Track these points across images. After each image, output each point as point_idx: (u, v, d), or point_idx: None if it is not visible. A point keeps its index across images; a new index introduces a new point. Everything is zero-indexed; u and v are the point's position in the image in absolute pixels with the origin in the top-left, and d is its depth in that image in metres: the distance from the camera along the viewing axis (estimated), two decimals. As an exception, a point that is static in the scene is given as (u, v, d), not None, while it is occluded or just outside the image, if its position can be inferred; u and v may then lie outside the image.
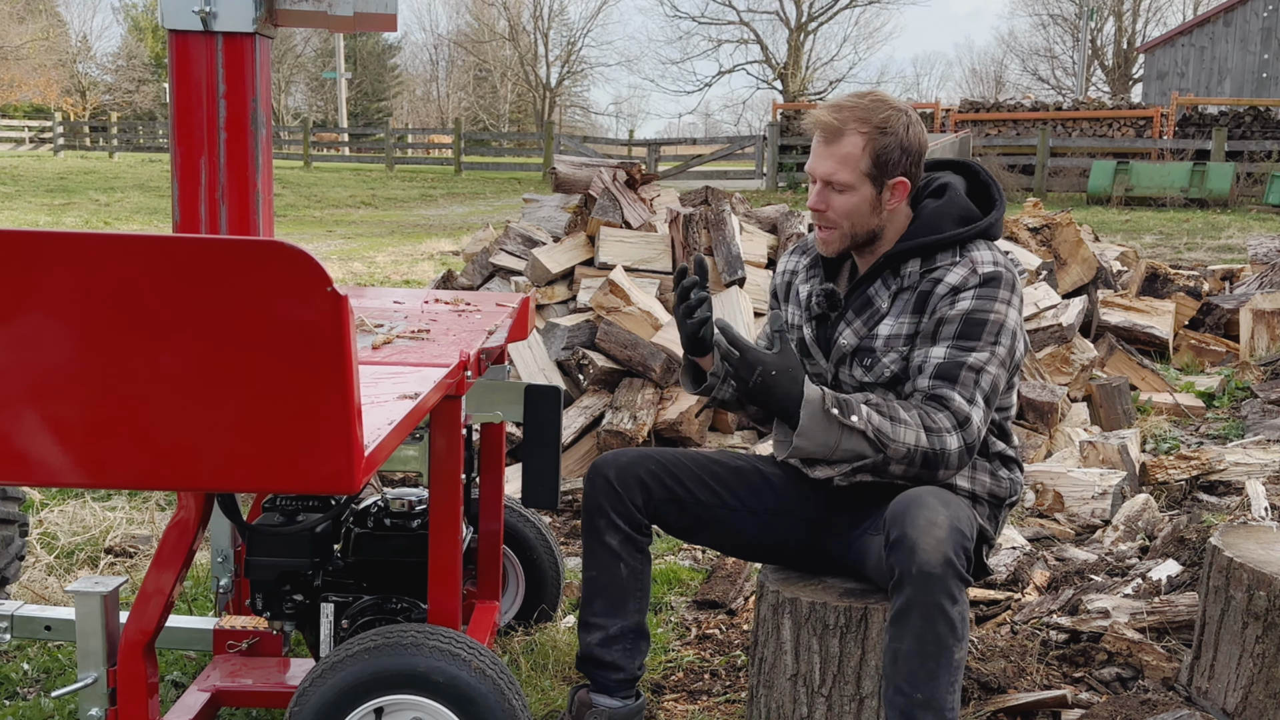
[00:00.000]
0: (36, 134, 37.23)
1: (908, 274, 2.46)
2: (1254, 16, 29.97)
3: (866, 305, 2.49)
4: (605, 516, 2.55)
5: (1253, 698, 2.55)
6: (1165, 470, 4.41)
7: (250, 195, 2.35)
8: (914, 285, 2.44)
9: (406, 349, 2.40)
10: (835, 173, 2.40)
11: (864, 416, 2.31)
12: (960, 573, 2.18)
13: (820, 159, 2.42)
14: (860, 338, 2.48)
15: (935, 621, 2.16)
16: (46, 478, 1.71)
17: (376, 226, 17.46)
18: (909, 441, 2.31)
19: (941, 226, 2.44)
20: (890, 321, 2.45)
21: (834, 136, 2.39)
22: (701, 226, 5.50)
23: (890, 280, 2.47)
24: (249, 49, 2.30)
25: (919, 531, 2.17)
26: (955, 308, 2.38)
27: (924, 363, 2.39)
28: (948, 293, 2.39)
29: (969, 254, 2.44)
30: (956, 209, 2.48)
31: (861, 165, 2.39)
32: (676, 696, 2.95)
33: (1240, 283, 8.61)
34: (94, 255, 1.62)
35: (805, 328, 2.59)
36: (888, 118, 2.39)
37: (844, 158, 2.39)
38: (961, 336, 2.37)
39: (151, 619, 2.17)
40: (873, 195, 2.42)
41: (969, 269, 2.41)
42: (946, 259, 2.44)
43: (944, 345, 2.38)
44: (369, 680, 2.12)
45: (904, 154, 2.41)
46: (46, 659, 3.11)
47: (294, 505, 2.53)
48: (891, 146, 2.39)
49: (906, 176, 2.44)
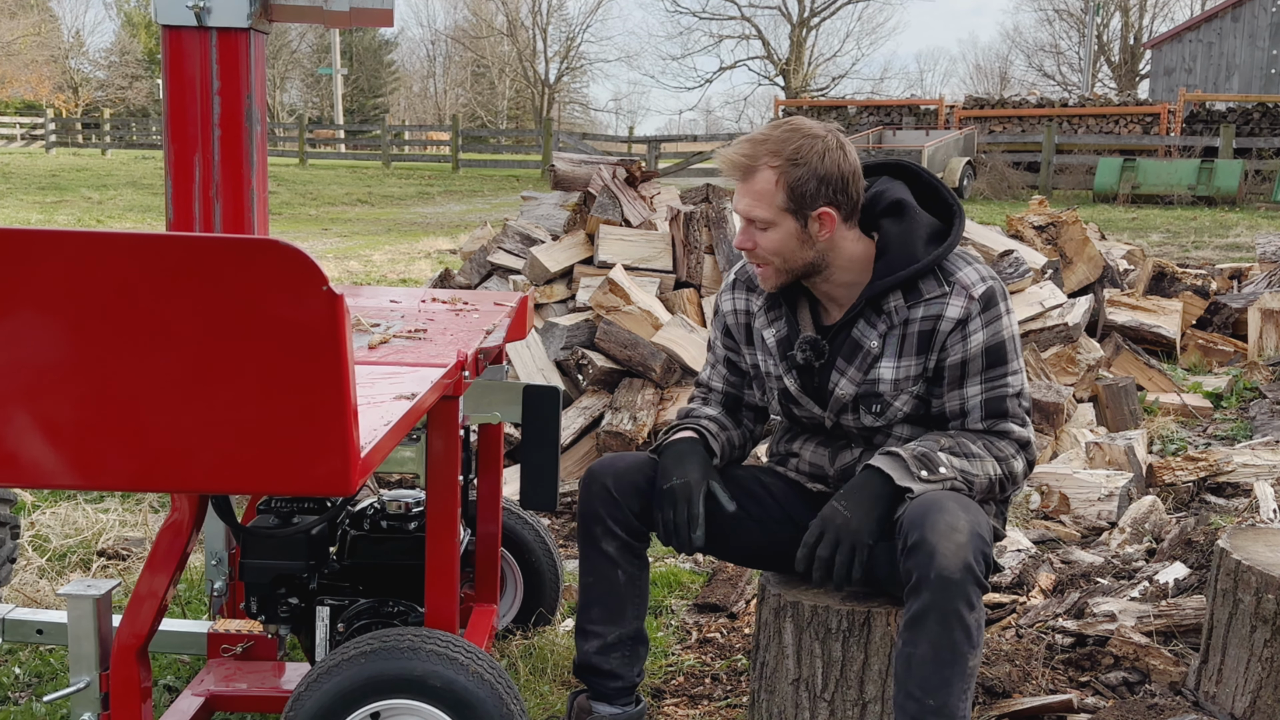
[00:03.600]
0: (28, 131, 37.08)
1: (893, 309, 2.38)
2: (1262, 12, 29.95)
3: (855, 349, 2.41)
4: (602, 524, 2.51)
5: (1261, 702, 2.54)
6: (1172, 471, 4.38)
7: (245, 193, 2.34)
8: (904, 320, 2.37)
9: (403, 349, 2.39)
10: (752, 209, 2.32)
11: (950, 466, 2.32)
12: (979, 579, 2.16)
13: (738, 197, 2.35)
14: (858, 385, 2.41)
15: (952, 628, 2.14)
16: (38, 479, 1.70)
17: (373, 224, 17.47)
18: (989, 473, 2.35)
19: (915, 253, 2.34)
20: (890, 364, 2.39)
21: (747, 174, 2.32)
22: (702, 224, 5.48)
23: (874, 319, 2.39)
24: (244, 44, 2.30)
25: (939, 536, 2.15)
26: (970, 344, 2.34)
27: (964, 405, 2.39)
28: (954, 329, 2.34)
29: (954, 278, 2.36)
30: (923, 228, 2.38)
31: (777, 200, 2.30)
32: (677, 701, 2.93)
33: (1248, 281, 8.57)
34: (86, 254, 1.61)
35: (786, 379, 2.49)
36: (799, 148, 2.28)
37: (759, 194, 2.30)
38: (989, 369, 2.37)
39: (145, 623, 2.16)
40: (797, 229, 2.32)
41: (964, 297, 2.34)
42: (932, 289, 2.36)
43: (977, 383, 2.37)
44: (365, 685, 2.11)
45: (822, 184, 2.29)
46: (38, 663, 3.09)
47: (289, 507, 2.52)
48: (806, 178, 2.28)
49: (832, 206, 2.31)
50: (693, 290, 5.35)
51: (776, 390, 2.53)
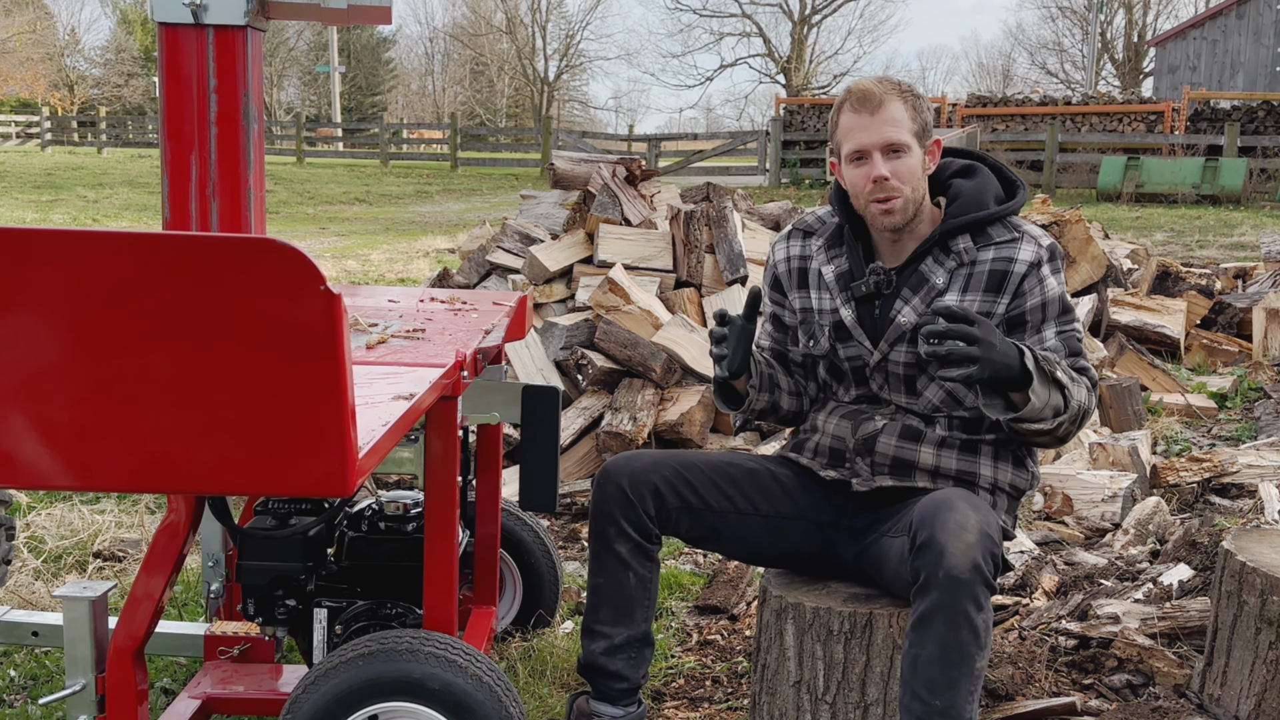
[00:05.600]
0: (23, 129, 37.00)
1: (962, 250, 2.48)
2: (1267, 9, 29.94)
3: (922, 282, 2.49)
4: (616, 524, 2.51)
5: (1266, 705, 2.53)
6: (1176, 472, 4.37)
7: (242, 192, 2.34)
8: (973, 261, 2.47)
9: (401, 349, 2.38)
10: (893, 135, 2.42)
11: (1065, 377, 2.36)
12: (987, 579, 2.15)
13: (872, 129, 2.43)
14: (920, 315, 2.48)
15: (959, 628, 2.13)
16: (33, 480, 1.70)
17: (371, 224, 17.46)
18: (1080, 398, 2.39)
19: (986, 203, 2.50)
20: (955, 298, 2.47)
21: (877, 106, 2.43)
22: (703, 224, 5.46)
23: (942, 257, 2.49)
24: (240, 42, 2.29)
25: (948, 535, 2.14)
26: (1048, 289, 2.46)
27: (1042, 346, 2.46)
28: (1029, 271, 2.45)
29: (1022, 229, 2.50)
30: (993, 186, 2.55)
31: (912, 126, 2.44)
32: (677, 703, 2.91)
33: (1253, 281, 8.54)
34: (82, 253, 1.61)
35: (843, 310, 2.55)
36: (911, 85, 2.49)
37: (896, 121, 2.43)
38: (1060, 315, 2.47)
39: (141, 624, 2.15)
40: (922, 158, 2.46)
41: (1034, 244, 2.47)
42: (1001, 234, 2.49)
43: (1053, 327, 2.47)
44: (363, 687, 2.11)
45: (931, 117, 2.50)
46: (34, 665, 3.08)
47: (286, 508, 2.52)
48: (925, 108, 2.47)
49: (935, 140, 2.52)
50: (693, 290, 5.34)
51: (829, 325, 2.57)
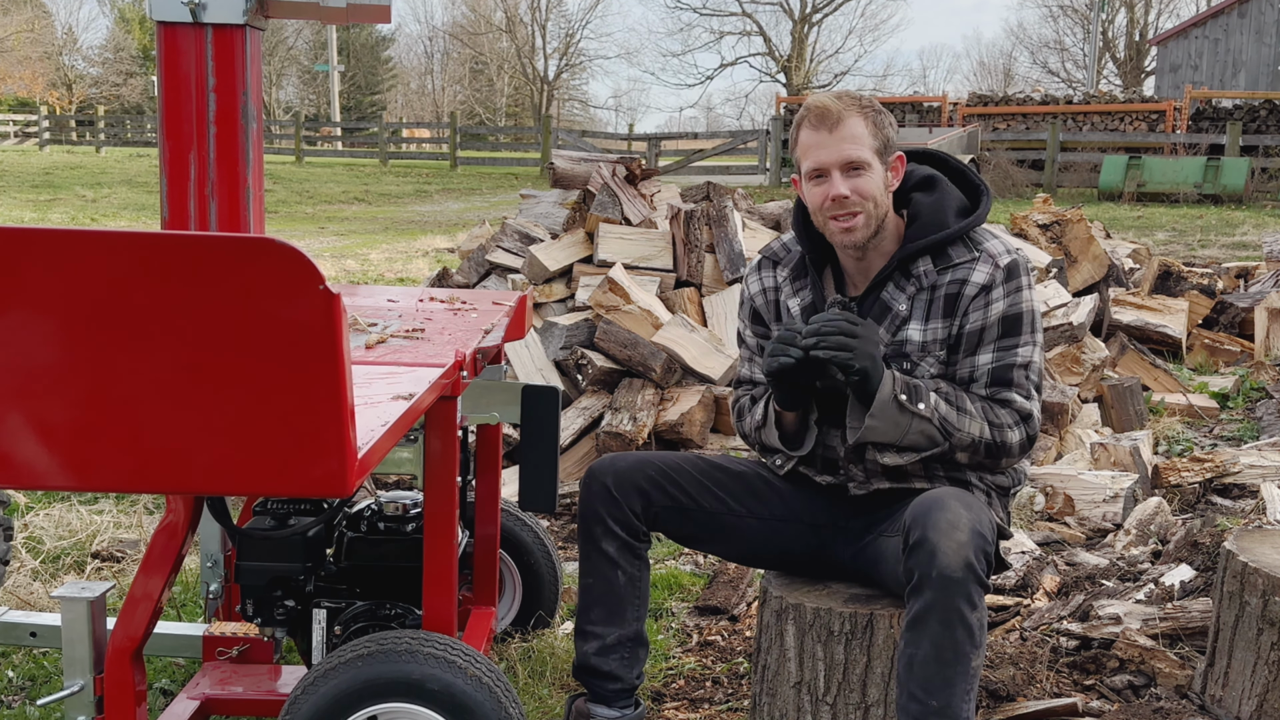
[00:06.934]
0: (21, 128, 36.95)
1: (921, 273, 2.43)
2: (1269, 8, 29.89)
3: (885, 311, 2.45)
4: (602, 524, 2.50)
5: (1268, 705, 2.53)
6: (1178, 473, 4.36)
7: (240, 191, 2.33)
8: (932, 285, 2.42)
9: (401, 349, 2.38)
10: (852, 152, 2.37)
11: (931, 404, 2.34)
12: (980, 578, 2.15)
13: (831, 146, 2.38)
14: (886, 346, 2.43)
15: (954, 627, 2.13)
16: (32, 480, 1.70)
17: (370, 223, 17.45)
18: (973, 433, 2.37)
19: (946, 221, 2.44)
20: (918, 326, 2.43)
21: (836, 123, 2.38)
22: (703, 223, 5.45)
23: (903, 282, 2.44)
24: (239, 41, 2.29)
25: (940, 534, 2.14)
26: (990, 312, 2.40)
27: (974, 372, 2.42)
28: (978, 294, 2.40)
29: (982, 247, 2.44)
30: (953, 200, 2.49)
31: (871, 143, 2.39)
32: (677, 704, 2.91)
33: (1255, 280, 8.53)
34: (80, 253, 1.61)
35: None
36: (872, 100, 2.44)
37: (856, 138, 2.38)
38: (1003, 337, 2.41)
39: (139, 625, 2.15)
40: (884, 174, 2.41)
41: (990, 264, 2.41)
42: (961, 254, 2.43)
43: (989, 351, 2.42)
44: (362, 688, 2.10)
45: (895, 133, 2.44)
46: (32, 666, 3.07)
47: (285, 509, 2.51)
48: (886, 124, 2.42)
49: (897, 155, 2.45)
50: (693, 289, 5.33)
51: None
